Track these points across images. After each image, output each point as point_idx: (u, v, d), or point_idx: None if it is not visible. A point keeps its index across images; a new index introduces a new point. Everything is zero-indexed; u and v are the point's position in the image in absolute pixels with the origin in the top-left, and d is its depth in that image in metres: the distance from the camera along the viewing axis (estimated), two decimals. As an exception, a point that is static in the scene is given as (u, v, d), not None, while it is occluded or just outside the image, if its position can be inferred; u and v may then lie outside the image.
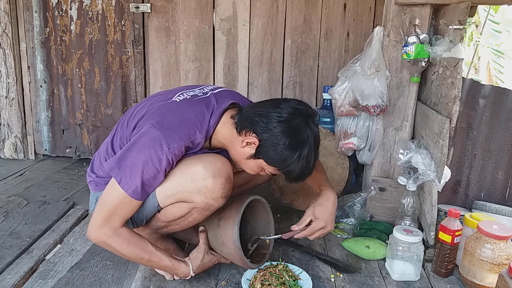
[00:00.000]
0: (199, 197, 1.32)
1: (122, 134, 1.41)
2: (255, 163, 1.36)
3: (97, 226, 1.29)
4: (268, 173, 1.39)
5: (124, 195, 1.27)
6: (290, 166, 1.31)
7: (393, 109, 1.80)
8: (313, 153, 1.32)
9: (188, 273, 1.40)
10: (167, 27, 2.61)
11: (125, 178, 1.26)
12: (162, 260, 1.36)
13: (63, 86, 2.75)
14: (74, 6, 2.63)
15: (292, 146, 1.28)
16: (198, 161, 1.33)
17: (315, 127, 1.33)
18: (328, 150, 2.05)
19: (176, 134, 1.28)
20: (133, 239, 1.32)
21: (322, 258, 1.64)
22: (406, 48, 1.65)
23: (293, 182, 1.39)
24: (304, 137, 1.29)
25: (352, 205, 1.88)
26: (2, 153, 2.82)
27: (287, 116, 1.29)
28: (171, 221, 1.42)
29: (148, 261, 1.35)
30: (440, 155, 1.48)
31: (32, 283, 1.44)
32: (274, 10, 2.55)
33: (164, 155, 1.26)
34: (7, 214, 1.95)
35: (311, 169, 1.35)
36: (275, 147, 1.29)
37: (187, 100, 1.39)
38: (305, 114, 1.32)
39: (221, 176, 1.32)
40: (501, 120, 1.85)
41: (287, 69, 2.62)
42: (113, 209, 1.28)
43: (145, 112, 1.37)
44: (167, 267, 1.38)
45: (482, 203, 1.83)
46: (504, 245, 1.38)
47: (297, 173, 1.33)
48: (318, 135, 1.35)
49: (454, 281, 1.52)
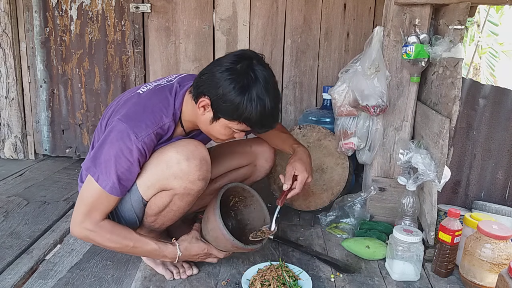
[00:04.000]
0: (177, 182, 1.33)
1: (99, 136, 1.44)
2: (219, 126, 1.33)
3: (78, 221, 1.32)
4: (238, 131, 1.35)
5: (102, 191, 1.29)
6: (246, 112, 1.25)
7: (393, 109, 1.80)
8: (266, 92, 1.26)
9: (175, 253, 1.39)
10: (167, 27, 2.61)
11: (101, 175, 1.29)
12: (148, 244, 1.36)
13: (63, 86, 2.76)
14: (74, 6, 2.63)
15: (238, 90, 1.24)
16: (171, 147, 1.35)
17: (262, 66, 1.28)
18: (328, 150, 2.05)
19: (142, 122, 1.30)
20: (116, 230, 1.34)
21: (322, 258, 1.64)
22: (406, 48, 1.65)
23: (261, 130, 1.36)
24: (249, 79, 1.25)
25: (352, 205, 1.88)
26: (2, 153, 2.82)
27: (228, 65, 1.27)
28: (158, 213, 1.43)
29: (133, 248, 1.36)
30: (440, 155, 1.48)
31: (32, 283, 1.44)
32: (274, 10, 2.55)
33: (133, 145, 1.27)
34: (7, 214, 1.95)
35: (271, 111, 1.28)
36: (224, 98, 1.25)
37: (150, 89, 1.41)
38: (247, 57, 1.28)
39: (194, 158, 1.33)
40: (501, 120, 1.85)
41: (287, 69, 2.62)
42: (93, 205, 1.31)
43: (112, 110, 1.40)
44: (155, 250, 1.38)
45: (482, 203, 1.83)
46: (504, 245, 1.38)
47: (257, 118, 1.27)
48: (269, 74, 1.29)
49: (454, 281, 1.52)
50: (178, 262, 1.50)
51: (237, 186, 1.56)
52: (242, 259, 1.60)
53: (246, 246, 1.43)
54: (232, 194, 1.60)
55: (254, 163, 1.75)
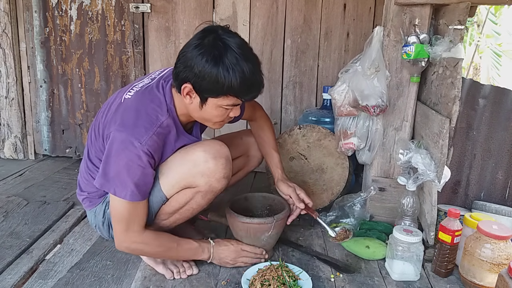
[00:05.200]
0: (203, 180, 1.36)
1: (95, 146, 1.43)
2: (210, 108, 1.31)
3: (123, 240, 1.36)
4: (230, 108, 1.32)
5: (126, 202, 1.30)
6: (226, 82, 1.23)
7: (393, 109, 1.80)
8: (240, 57, 1.23)
9: (210, 251, 1.49)
10: (167, 27, 2.61)
11: (118, 188, 1.29)
12: (189, 243, 1.46)
13: (63, 86, 2.76)
14: (74, 6, 2.63)
15: (212, 62, 1.22)
16: (197, 146, 1.39)
17: (228, 34, 1.26)
18: (328, 150, 2.05)
19: (141, 127, 1.29)
20: (159, 235, 1.40)
21: (322, 258, 1.64)
22: (406, 48, 1.65)
23: (249, 96, 1.32)
24: (219, 48, 1.22)
25: (352, 205, 1.88)
26: (2, 153, 2.82)
27: (195, 42, 1.26)
28: (176, 210, 1.44)
29: (178, 247, 1.43)
30: (440, 155, 1.48)
31: (32, 283, 1.44)
32: (274, 10, 2.55)
33: (140, 151, 1.27)
34: (7, 214, 1.95)
35: (251, 74, 1.25)
36: (201, 75, 1.23)
37: (138, 92, 1.40)
38: (212, 30, 1.27)
39: (221, 157, 1.37)
40: (501, 120, 1.85)
41: (287, 69, 2.62)
42: (126, 218, 1.33)
43: (105, 120, 1.38)
44: (196, 248, 1.47)
45: (482, 203, 1.83)
46: (504, 245, 1.38)
47: (240, 84, 1.24)
48: (239, 40, 1.27)
49: (454, 281, 1.52)
50: (179, 262, 1.51)
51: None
52: (242, 259, 1.60)
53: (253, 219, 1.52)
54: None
55: (246, 154, 1.79)
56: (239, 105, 1.34)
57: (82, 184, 1.54)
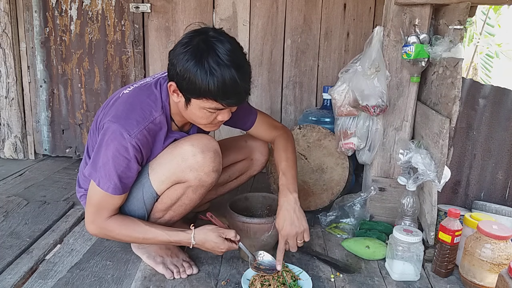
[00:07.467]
0: (192, 174, 1.36)
1: (92, 141, 1.45)
2: (194, 109, 1.29)
3: (90, 221, 1.39)
4: (214, 111, 1.29)
5: (106, 194, 1.32)
6: (202, 86, 1.19)
7: (393, 109, 1.80)
8: (222, 63, 1.19)
9: (190, 238, 1.39)
10: (167, 27, 2.61)
11: (102, 179, 1.31)
12: (158, 234, 1.39)
13: (63, 86, 2.76)
14: (74, 6, 2.63)
15: (193, 63, 1.20)
16: (185, 141, 1.39)
17: (218, 36, 1.23)
18: (328, 150, 2.05)
19: (133, 119, 1.30)
20: (124, 224, 1.38)
21: (322, 258, 1.64)
22: (406, 48, 1.65)
23: (229, 102, 1.25)
24: (202, 51, 1.20)
25: (352, 205, 1.88)
26: (2, 153, 2.82)
27: (184, 41, 1.25)
28: (169, 206, 1.45)
29: (145, 240, 1.40)
30: (440, 155, 1.48)
31: (32, 283, 1.44)
32: (274, 10, 2.55)
33: (128, 143, 1.28)
34: (7, 214, 1.95)
35: (233, 83, 1.20)
36: (182, 75, 1.22)
37: (136, 88, 1.42)
38: (203, 31, 1.25)
39: (209, 150, 1.36)
40: (501, 120, 1.85)
41: (287, 69, 2.62)
42: (99, 206, 1.36)
43: (103, 114, 1.41)
44: (166, 240, 1.40)
45: (482, 203, 1.83)
46: (504, 245, 1.38)
47: (217, 89, 1.20)
48: (229, 44, 1.22)
49: (454, 281, 1.52)
50: (178, 261, 1.51)
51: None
52: (242, 259, 1.60)
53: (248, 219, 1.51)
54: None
55: (250, 157, 1.78)
56: (225, 109, 1.30)
57: (80, 180, 1.58)
